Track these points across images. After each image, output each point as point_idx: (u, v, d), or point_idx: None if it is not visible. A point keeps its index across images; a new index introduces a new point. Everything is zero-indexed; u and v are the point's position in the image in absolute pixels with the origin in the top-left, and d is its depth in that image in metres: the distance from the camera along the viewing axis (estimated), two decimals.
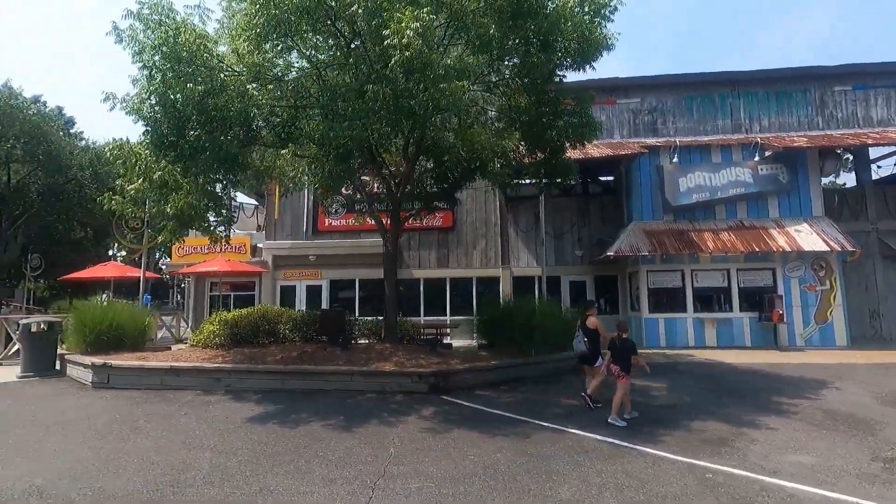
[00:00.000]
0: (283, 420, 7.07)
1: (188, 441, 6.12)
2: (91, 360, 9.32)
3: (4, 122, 18.26)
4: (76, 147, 22.17)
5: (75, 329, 10.90)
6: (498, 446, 5.91)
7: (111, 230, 25.52)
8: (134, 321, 11.66)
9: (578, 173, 12.29)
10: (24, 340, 10.68)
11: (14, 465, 5.28)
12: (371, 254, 17.20)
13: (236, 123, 7.58)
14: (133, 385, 8.99)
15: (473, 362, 9.52)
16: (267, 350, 10.04)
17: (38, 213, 21.93)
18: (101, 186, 21.53)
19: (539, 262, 16.75)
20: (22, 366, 10.61)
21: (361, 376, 8.75)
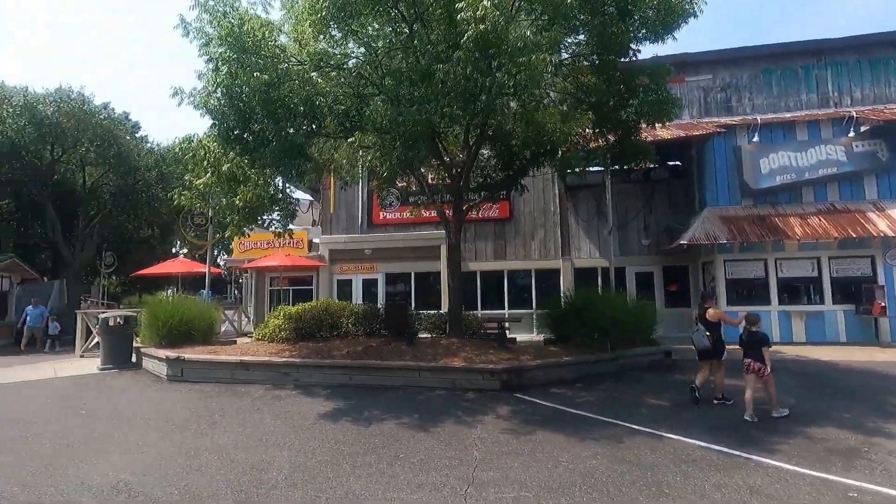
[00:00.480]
0: (356, 418, 6.84)
1: (265, 438, 5.98)
2: (165, 353, 9.50)
3: (79, 128, 19.26)
4: (143, 149, 23.15)
5: (149, 323, 11.22)
6: (591, 452, 5.40)
7: (177, 227, 26.65)
8: (202, 316, 11.89)
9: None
10: (103, 334, 11.09)
11: (101, 459, 5.28)
12: (426, 246, 16.98)
13: (300, 113, 7.40)
14: (205, 378, 9.10)
15: (546, 358, 9.01)
16: (332, 344, 9.93)
17: (110, 213, 23.12)
18: (166, 186, 22.40)
19: (603, 253, 15.93)
20: (102, 358, 11.03)
21: (430, 372, 8.43)
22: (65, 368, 11.40)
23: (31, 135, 18.42)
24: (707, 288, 13.91)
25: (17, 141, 18.40)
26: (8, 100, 19.00)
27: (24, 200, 22.53)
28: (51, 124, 18.54)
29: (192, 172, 8.73)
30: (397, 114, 6.57)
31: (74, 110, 19.30)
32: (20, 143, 18.53)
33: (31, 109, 18.47)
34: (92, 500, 4.33)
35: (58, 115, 18.68)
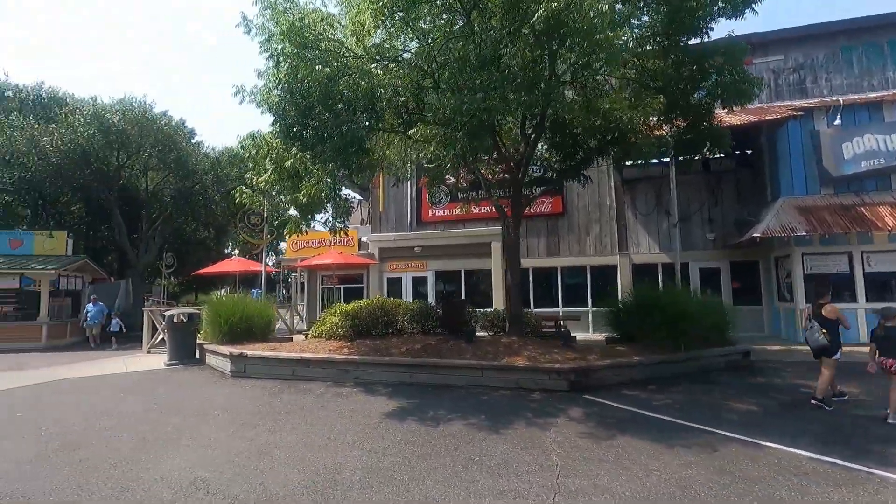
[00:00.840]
0: (422, 417, 6.63)
1: (333, 437, 5.86)
2: (229, 349, 9.66)
3: (142, 134, 20.16)
4: (199, 154, 24.00)
5: (211, 320, 11.50)
6: (684, 460, 4.94)
7: (231, 227, 27.54)
8: (261, 313, 12.09)
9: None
10: (168, 331, 11.45)
11: (177, 454, 5.30)
12: (476, 243, 16.71)
13: (360, 106, 7.26)
14: (267, 375, 9.17)
15: (614, 358, 8.52)
16: (389, 342, 9.81)
17: (170, 216, 24.13)
18: (221, 188, 23.20)
19: (663, 248, 15.15)
20: (168, 354, 11.39)
21: (493, 371, 8.13)
22: (134, 364, 11.86)
23: (99, 142, 19.43)
24: (823, 282, 12.85)
25: (88, 148, 19.45)
26: (79, 109, 20.14)
27: (94, 205, 23.86)
28: (117, 131, 19.50)
29: (254, 170, 8.79)
30: (461, 102, 6.31)
31: (138, 118, 20.22)
32: (90, 150, 19.59)
33: (100, 118, 19.48)
34: (172, 496, 4.29)
35: (123, 122, 19.62)
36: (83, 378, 9.96)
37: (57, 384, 9.39)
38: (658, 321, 9.14)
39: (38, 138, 18.45)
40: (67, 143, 18.82)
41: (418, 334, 10.59)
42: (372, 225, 18.20)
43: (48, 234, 19.19)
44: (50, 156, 18.50)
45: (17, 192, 19.37)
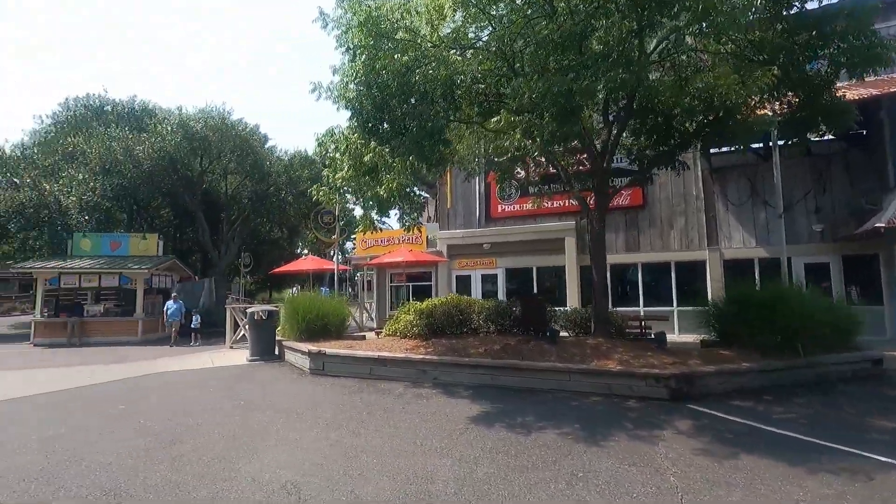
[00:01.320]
0: (510, 424, 6.19)
1: (420, 442, 5.56)
2: (307, 347, 9.72)
3: (222, 140, 21.23)
4: (273, 158, 24.98)
5: (288, 317, 11.70)
6: (835, 489, 4.16)
7: (302, 227, 28.53)
8: (336, 311, 12.17)
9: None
10: (250, 328, 11.79)
11: (266, 454, 5.21)
12: (548, 239, 16.02)
13: (438, 95, 6.93)
14: (344, 373, 9.12)
15: (719, 363, 7.64)
16: (466, 342, 9.46)
17: (247, 218, 25.32)
18: (294, 190, 24.00)
19: (760, 241, 13.74)
20: (250, 350, 11.73)
21: (581, 375, 7.54)
22: (219, 359, 12.34)
23: (184, 149, 20.68)
24: None
25: (175, 155, 20.77)
26: (167, 119, 21.54)
27: (180, 209, 25.54)
28: (200, 138, 20.66)
29: (330, 168, 8.74)
30: (549, 85, 5.79)
31: (218, 125, 21.32)
32: (177, 157, 20.92)
33: (185, 126, 20.73)
34: (264, 499, 4.15)
35: (205, 129, 20.76)
36: (175, 372, 10.44)
37: (153, 377, 9.87)
38: (766, 322, 8.11)
39: (132, 147, 19.91)
40: (157, 151, 20.17)
41: (494, 334, 10.16)
42: (440, 222, 17.99)
43: (142, 236, 20.68)
44: (142, 163, 19.91)
45: (116, 199, 21.03)
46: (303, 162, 24.88)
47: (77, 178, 19.92)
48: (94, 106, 24.36)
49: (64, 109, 24.57)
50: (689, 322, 13.33)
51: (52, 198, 20.22)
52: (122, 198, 21.66)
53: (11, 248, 23.45)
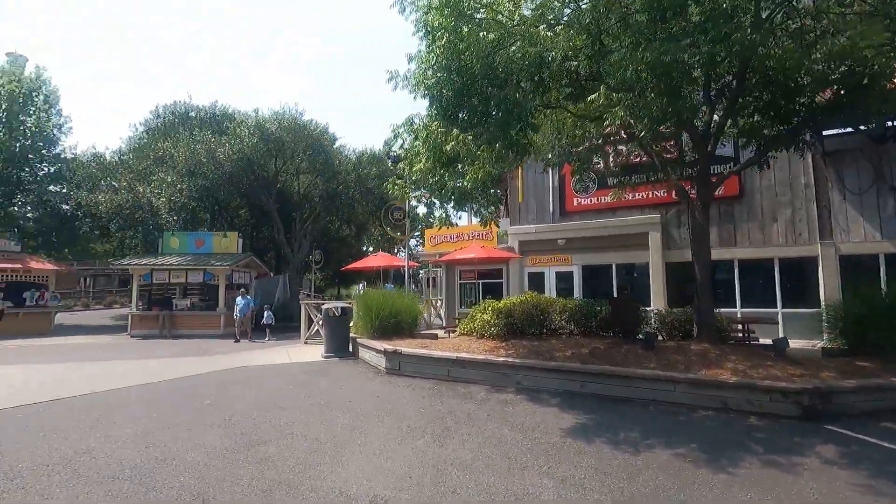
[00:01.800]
0: (612, 439, 5.51)
1: (512, 456, 5.04)
2: (383, 346, 9.49)
3: (295, 140, 21.81)
4: (342, 156, 25.41)
5: (362, 314, 11.60)
6: None
7: (373, 224, 28.87)
8: (409, 309, 11.93)
9: None
10: (325, 324, 11.80)
11: (350, 462, 4.91)
12: (630, 234, 14.91)
13: (525, 76, 6.34)
14: (420, 373, 8.79)
15: (860, 377, 6.48)
16: (548, 344, 8.82)
17: (318, 216, 25.96)
18: (362, 187, 24.26)
19: (887, 235, 11.91)
20: (325, 346, 11.75)
21: (689, 386, 6.68)
22: (295, 354, 12.49)
23: (261, 150, 21.46)
24: None
25: (252, 156, 21.62)
26: (244, 122, 22.46)
27: (256, 209, 26.68)
28: (275, 139, 21.35)
29: (405, 161, 8.40)
30: (661, 52, 5.03)
31: (291, 125, 21.94)
32: (253, 158, 21.76)
33: (261, 128, 21.51)
34: None
35: (279, 130, 21.43)
36: (255, 367, 10.61)
37: (235, 372, 10.07)
38: None
39: (213, 150, 20.92)
40: (236, 153, 21.06)
41: (578, 336, 9.44)
42: (511, 217, 17.33)
43: (223, 234, 21.72)
44: (223, 164, 20.86)
45: (200, 199, 22.25)
46: (370, 160, 25.12)
47: (166, 181, 21.25)
48: (180, 112, 25.99)
49: (154, 117, 26.45)
50: (799, 326, 11.82)
51: (144, 199, 21.73)
52: (206, 198, 22.86)
53: (111, 246, 25.53)
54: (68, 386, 8.42)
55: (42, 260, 21.87)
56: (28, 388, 8.27)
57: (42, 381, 8.98)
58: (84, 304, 38.66)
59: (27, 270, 20.78)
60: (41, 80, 27.29)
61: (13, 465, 4.73)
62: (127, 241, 23.46)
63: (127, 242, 23.50)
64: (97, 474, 4.55)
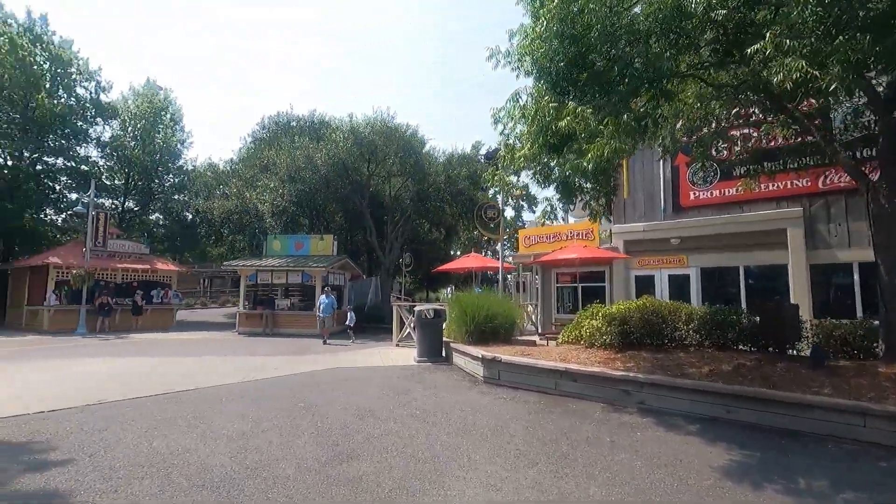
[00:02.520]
0: (791, 488, 4.21)
1: (656, 499, 3.97)
2: (480, 352, 8.73)
3: (387, 143, 21.94)
4: (432, 158, 25.26)
5: (456, 318, 10.95)
6: None
7: (463, 225, 28.47)
8: (506, 313, 11.10)
9: None
10: (418, 327, 11.31)
11: (454, 488, 4.16)
12: (762, 231, 12.79)
13: (660, 32, 5.23)
14: (522, 384, 7.89)
15: None
16: (675, 357, 7.48)
17: (409, 218, 26.02)
18: (452, 188, 23.87)
19: None
20: (417, 350, 11.26)
21: (889, 423, 5.09)
22: (388, 356, 12.17)
23: (354, 154, 21.93)
24: None
25: (346, 160, 22.16)
26: (339, 128, 23.11)
27: (350, 213, 27.43)
28: (368, 143, 21.67)
29: (506, 149, 7.58)
30: None
31: (383, 129, 22.15)
32: (348, 162, 22.30)
33: (355, 132, 21.98)
34: None
35: (372, 134, 21.72)
36: (348, 369, 10.36)
37: (329, 373, 9.88)
38: None
39: (311, 155, 21.72)
40: (332, 157, 21.68)
41: (710, 349, 7.95)
42: (614, 216, 15.79)
43: (319, 237, 22.42)
44: (320, 169, 21.57)
45: (299, 203, 23.23)
46: (460, 161, 24.69)
47: (269, 186, 22.43)
48: (282, 122, 27.57)
49: (260, 128, 28.35)
50: None
51: (251, 204, 23.12)
52: (304, 203, 23.82)
53: (224, 249, 27.58)
54: (176, 380, 8.66)
55: (167, 262, 24.12)
56: (143, 383, 8.61)
57: (156, 373, 9.41)
58: (202, 303, 42.62)
59: (154, 271, 23.00)
60: (168, 101, 30.46)
61: (112, 464, 4.59)
62: (237, 245, 25.21)
63: (237, 245, 25.26)
64: (187, 481, 4.23)
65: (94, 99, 26.42)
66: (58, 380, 8.64)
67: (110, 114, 27.11)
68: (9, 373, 9.38)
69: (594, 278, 16.15)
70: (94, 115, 26.57)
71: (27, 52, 23.26)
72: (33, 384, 8.29)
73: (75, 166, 26.49)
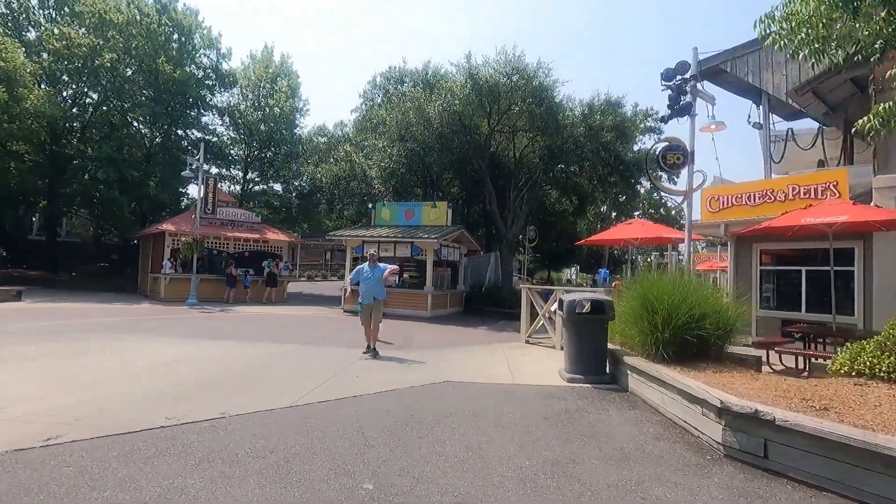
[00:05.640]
0: None
1: None
2: (707, 391, 4.48)
3: (513, 88, 17.82)
4: (566, 108, 20.43)
5: (634, 316, 6.76)
6: None
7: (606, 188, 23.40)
8: (716, 310, 6.60)
9: None
10: (568, 325, 7.32)
11: None
12: None
13: None
14: (828, 482, 3.56)
15: None
16: None
17: (535, 184, 21.79)
18: (594, 143, 18.97)
19: None
20: (567, 361, 7.29)
21: None
22: (518, 362, 8.44)
23: (473, 103, 18.22)
24: None
25: (462, 112, 18.53)
26: (455, 74, 19.50)
27: (467, 179, 23.94)
28: (489, 88, 17.73)
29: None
30: None
31: (509, 70, 18.03)
32: (465, 115, 18.64)
33: (473, 76, 18.16)
34: None
35: (495, 75, 17.73)
36: (462, 386, 6.81)
37: (437, 391, 6.43)
38: None
39: (423, 107, 18.47)
40: (447, 108, 18.22)
41: None
42: (877, 157, 9.97)
43: (432, 204, 19.29)
44: (432, 122, 18.24)
45: (409, 165, 20.25)
46: (604, 107, 19.60)
47: (377, 146, 19.76)
48: (394, 78, 24.82)
49: (372, 87, 25.93)
50: None
51: (359, 168, 20.73)
52: (415, 165, 20.81)
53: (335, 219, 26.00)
54: (210, 394, 5.83)
55: (277, 231, 23.00)
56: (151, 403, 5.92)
57: (202, 372, 6.79)
58: (322, 276, 43.12)
59: (265, 240, 21.91)
60: (285, 67, 29.52)
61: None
62: (346, 213, 23.33)
63: (346, 214, 23.38)
64: None
65: (215, 66, 26.14)
66: (88, 375, 6.34)
67: (231, 82, 26.72)
68: (57, 357, 7.45)
69: (820, 258, 10.54)
70: (216, 84, 26.35)
71: (153, 21, 23.23)
72: (64, 379, 6.08)
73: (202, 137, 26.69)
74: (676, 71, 9.85)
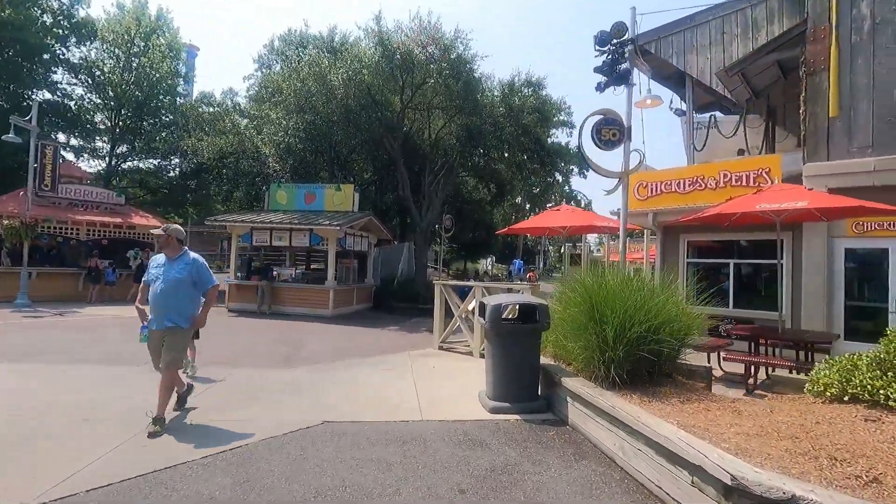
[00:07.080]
0: None
1: None
2: (699, 450, 2.96)
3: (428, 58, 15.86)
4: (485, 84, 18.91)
5: (578, 326, 5.21)
6: None
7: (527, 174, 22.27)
8: (669, 318, 5.23)
9: None
10: (492, 336, 5.63)
11: None
12: None
13: None
14: None
15: None
16: None
17: (451, 169, 20.17)
18: (514, 124, 17.63)
19: None
20: (490, 386, 5.61)
21: None
22: (428, 382, 6.63)
23: (383, 73, 16.03)
24: None
25: (371, 84, 16.30)
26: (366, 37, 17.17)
27: (379, 162, 21.78)
28: (402, 55, 15.64)
29: None
30: None
31: (424, 39, 16.07)
32: (375, 87, 16.42)
33: (384, 44, 15.95)
34: None
35: (409, 43, 15.70)
36: (352, 430, 4.87)
37: (312, 440, 4.42)
38: None
39: (324, 74, 15.94)
40: (354, 77, 15.86)
41: None
42: (808, 147, 9.44)
43: (335, 186, 16.93)
44: (336, 92, 15.80)
45: (311, 142, 17.61)
46: (525, 85, 18.35)
47: (269, 117, 16.91)
48: (295, 42, 21.76)
49: (269, 51, 22.60)
50: None
51: (250, 143, 17.72)
52: (320, 142, 18.22)
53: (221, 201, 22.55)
54: None
55: (147, 216, 19.21)
56: None
57: None
58: (218, 266, 38.40)
59: (130, 226, 18.14)
60: (164, 22, 25.08)
61: None
62: (236, 196, 20.11)
63: (236, 197, 20.16)
64: None
65: (67, 12, 21.30)
66: None
67: (89, 33, 21.98)
68: None
69: (758, 251, 10.00)
70: (69, 33, 21.52)
71: None
72: None
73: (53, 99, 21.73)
74: (612, 34, 8.54)
